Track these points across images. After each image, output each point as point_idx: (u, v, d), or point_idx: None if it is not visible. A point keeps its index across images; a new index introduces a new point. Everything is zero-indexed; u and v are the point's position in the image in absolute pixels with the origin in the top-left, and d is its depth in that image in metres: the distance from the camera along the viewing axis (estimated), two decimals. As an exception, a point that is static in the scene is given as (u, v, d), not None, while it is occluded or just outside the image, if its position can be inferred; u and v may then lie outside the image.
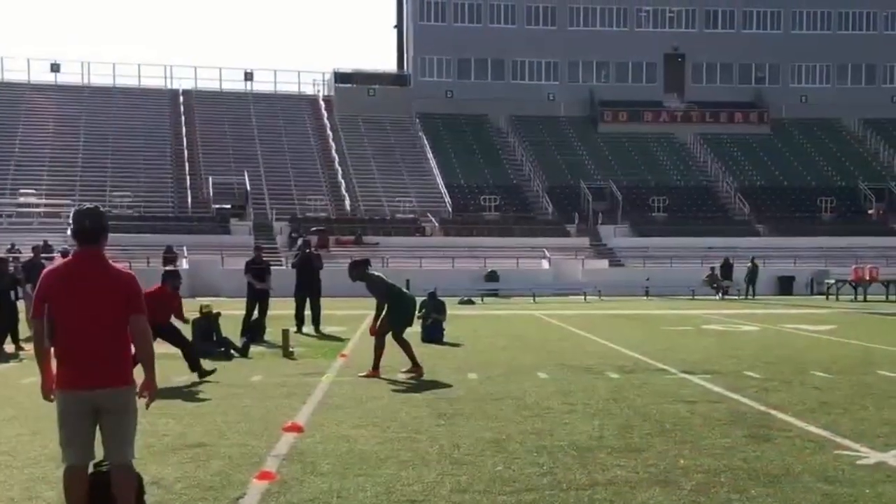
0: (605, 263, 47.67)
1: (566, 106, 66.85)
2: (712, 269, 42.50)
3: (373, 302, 13.41)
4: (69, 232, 5.64)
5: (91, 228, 5.52)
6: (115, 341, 5.47)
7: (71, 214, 5.73)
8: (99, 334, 5.40)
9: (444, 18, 67.51)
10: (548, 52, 67.45)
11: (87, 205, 5.73)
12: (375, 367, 13.01)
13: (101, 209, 5.77)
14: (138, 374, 5.70)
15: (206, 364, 13.11)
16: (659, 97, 68.43)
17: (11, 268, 19.74)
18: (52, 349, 5.53)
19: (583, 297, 39.25)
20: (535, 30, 67.85)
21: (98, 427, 5.49)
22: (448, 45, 66.30)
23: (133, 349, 5.62)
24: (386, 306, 13.06)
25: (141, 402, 5.71)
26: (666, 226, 53.42)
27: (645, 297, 40.53)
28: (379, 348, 13.13)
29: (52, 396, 5.53)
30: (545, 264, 46.57)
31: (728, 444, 8.30)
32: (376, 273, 13.69)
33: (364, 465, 7.55)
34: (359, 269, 13.40)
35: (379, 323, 13.12)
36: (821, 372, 13.46)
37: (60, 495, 6.54)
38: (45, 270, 5.76)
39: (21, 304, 18.16)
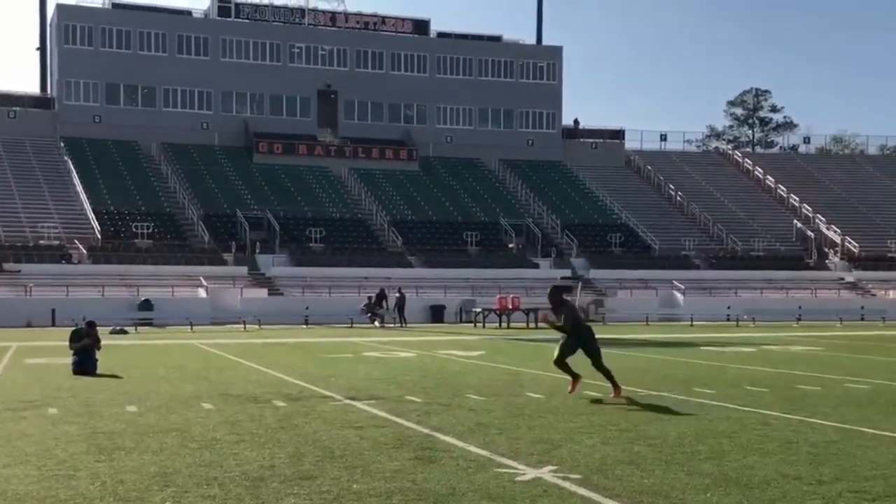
0: (263, 292, 47.63)
1: (220, 136, 66.51)
2: (369, 298, 43.64)
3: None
4: None
5: None
6: None
7: None
8: None
9: (91, 43, 65.23)
10: (201, 81, 66.95)
11: None
12: (615, 386, 14.00)
13: None
14: None
15: None
16: (313, 131, 69.65)
17: None
18: None
19: (242, 326, 38.93)
20: (187, 59, 67.15)
21: None
22: (96, 70, 64.27)
23: None
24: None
25: None
26: (324, 256, 54.22)
27: (305, 326, 40.84)
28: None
29: None
30: (202, 293, 45.79)
31: (397, 466, 8.49)
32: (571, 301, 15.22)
33: (20, 507, 7.03)
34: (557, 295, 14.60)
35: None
36: (475, 395, 14.16)
37: None
38: None
39: None
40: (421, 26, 74.64)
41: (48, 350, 23.91)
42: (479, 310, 43.63)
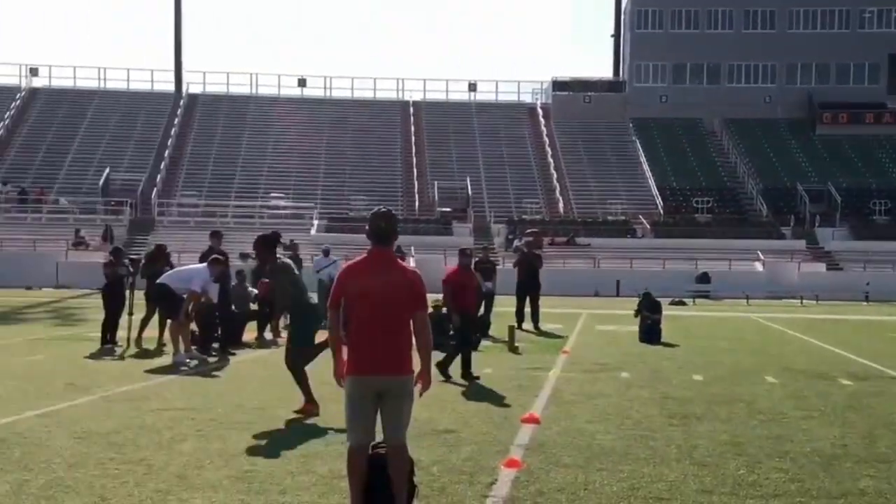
0: (821, 267, 46.13)
1: (783, 108, 65.22)
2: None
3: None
4: (366, 231, 6.01)
5: (385, 229, 5.95)
6: (401, 333, 5.84)
7: (368, 216, 6.10)
8: (388, 326, 5.78)
9: (660, 26, 67.48)
10: (765, 55, 66.07)
11: (382, 208, 6.13)
12: (309, 399, 9.79)
13: (393, 212, 6.16)
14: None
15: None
16: (881, 98, 65.41)
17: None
18: (345, 338, 5.96)
19: (798, 301, 38.07)
20: (753, 34, 66.67)
21: (379, 411, 5.85)
22: (664, 52, 66.23)
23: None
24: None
25: (415, 391, 5.97)
26: (888, 229, 51.07)
27: (865, 303, 38.80)
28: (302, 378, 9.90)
29: (343, 381, 5.92)
30: (758, 266, 45.47)
31: None
32: (285, 261, 10.43)
33: (605, 460, 7.73)
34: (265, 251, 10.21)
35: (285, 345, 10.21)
36: None
37: (333, 470, 7.15)
38: (343, 265, 6.25)
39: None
40: None
41: (615, 318, 25.20)
42: None
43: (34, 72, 64.17)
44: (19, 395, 10.66)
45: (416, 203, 54.43)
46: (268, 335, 17.99)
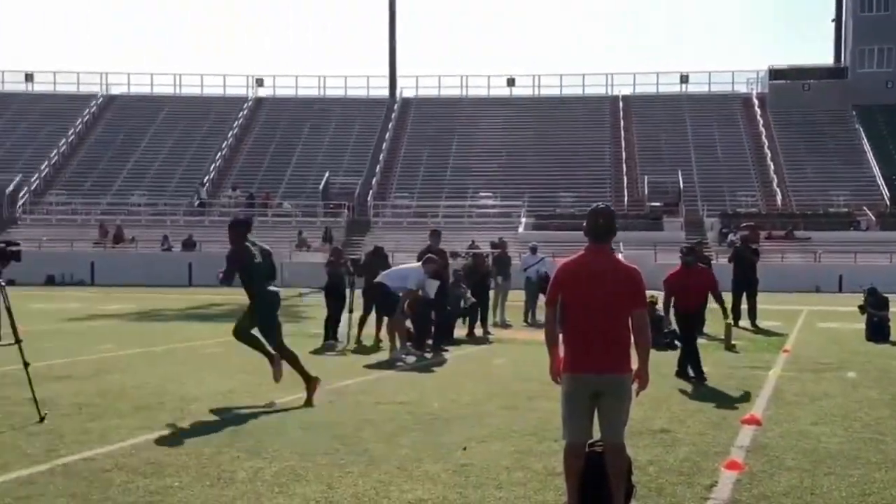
0: None
1: None
2: None
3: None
4: (584, 228, 5.97)
5: (603, 226, 5.89)
6: (619, 331, 5.76)
7: (587, 212, 6.07)
8: (606, 324, 5.72)
9: (886, 8, 63.81)
10: None
11: (600, 204, 6.09)
12: (306, 378, 10.30)
13: (612, 209, 6.09)
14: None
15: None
16: None
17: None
18: (562, 335, 5.91)
19: None
20: None
21: (596, 409, 5.81)
22: (889, 35, 62.53)
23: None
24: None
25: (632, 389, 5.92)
26: None
27: None
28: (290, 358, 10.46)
29: (559, 378, 5.92)
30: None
31: None
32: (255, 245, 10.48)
33: (832, 464, 7.46)
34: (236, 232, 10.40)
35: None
36: None
37: (547, 467, 7.20)
38: (558, 262, 6.26)
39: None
40: None
41: (838, 315, 24.11)
42: None
43: (260, 82, 67.40)
44: (250, 388, 11.27)
45: (625, 198, 53.77)
46: (478, 331, 18.37)
